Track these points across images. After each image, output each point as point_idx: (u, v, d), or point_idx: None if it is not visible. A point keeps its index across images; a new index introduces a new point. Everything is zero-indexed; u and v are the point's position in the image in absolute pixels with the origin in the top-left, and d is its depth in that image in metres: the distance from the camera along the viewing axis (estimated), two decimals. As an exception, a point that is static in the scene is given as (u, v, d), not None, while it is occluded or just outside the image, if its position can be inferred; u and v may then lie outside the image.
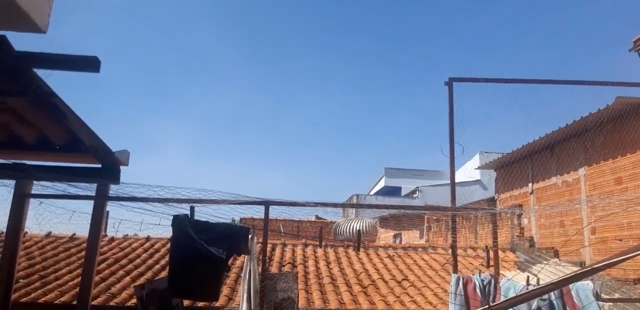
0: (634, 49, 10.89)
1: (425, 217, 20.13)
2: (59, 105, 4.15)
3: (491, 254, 6.36)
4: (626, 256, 2.79)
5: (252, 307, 5.42)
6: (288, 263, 10.36)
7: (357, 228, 17.29)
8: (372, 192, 38.35)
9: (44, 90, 3.75)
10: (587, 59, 57.13)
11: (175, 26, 72.19)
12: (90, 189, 5.52)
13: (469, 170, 26.51)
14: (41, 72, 3.58)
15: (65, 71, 3.75)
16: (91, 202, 5.50)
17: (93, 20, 77.39)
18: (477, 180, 27.78)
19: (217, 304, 7.81)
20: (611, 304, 7.75)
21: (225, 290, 8.45)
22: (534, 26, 61.98)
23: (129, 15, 73.39)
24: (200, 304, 7.75)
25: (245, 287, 5.56)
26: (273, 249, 11.42)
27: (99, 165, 5.43)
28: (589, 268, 2.88)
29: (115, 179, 5.36)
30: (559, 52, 62.18)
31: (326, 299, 8.35)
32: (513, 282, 4.72)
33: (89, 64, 3.65)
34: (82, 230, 6.11)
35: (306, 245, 12.00)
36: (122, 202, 5.58)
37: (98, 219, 5.41)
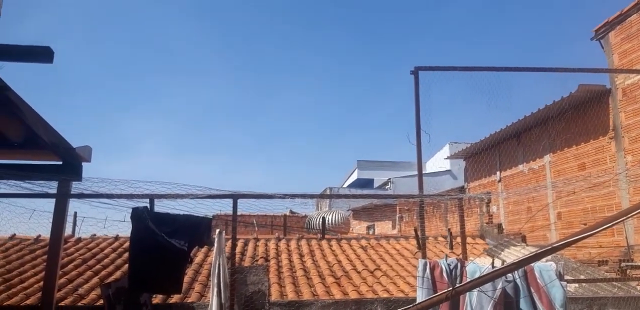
0: (595, 38, 11.14)
1: (397, 207, 20.34)
2: (13, 99, 4.00)
3: (459, 239, 6.47)
4: (582, 236, 2.87)
5: (223, 301, 5.38)
6: (261, 257, 10.32)
7: (325, 217, 17.40)
8: (345, 185, 38.58)
9: (-4, 83, 3.62)
10: (558, 49, 58.47)
11: (147, 23, 70.80)
12: (52, 186, 5.38)
13: (439, 161, 26.85)
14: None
15: (18, 63, 3.64)
16: (53, 200, 5.37)
17: (59, 19, 75.22)
18: (448, 170, 28.13)
19: (189, 300, 7.74)
20: (577, 285, 7.97)
21: (197, 287, 8.37)
22: (505, 16, 63.02)
23: (98, 13, 71.52)
24: (172, 300, 7.66)
25: (215, 281, 5.51)
26: (246, 244, 11.36)
27: (60, 162, 5.29)
28: (548, 247, 2.96)
29: (77, 176, 5.23)
30: (530, 44, 63.40)
31: (299, 291, 8.36)
32: (478, 265, 4.80)
33: (42, 54, 3.53)
34: (47, 230, 5.95)
35: (279, 239, 11.98)
36: (84, 199, 5.45)
37: (60, 217, 5.28)
